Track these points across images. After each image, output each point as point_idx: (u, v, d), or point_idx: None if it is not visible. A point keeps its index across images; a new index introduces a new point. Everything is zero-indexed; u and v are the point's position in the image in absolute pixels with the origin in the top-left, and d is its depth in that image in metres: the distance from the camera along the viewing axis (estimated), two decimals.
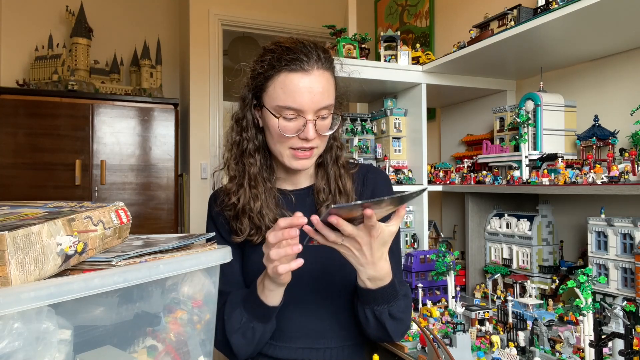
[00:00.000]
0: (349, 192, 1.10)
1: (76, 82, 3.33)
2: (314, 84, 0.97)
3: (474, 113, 2.33)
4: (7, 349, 0.49)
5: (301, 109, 0.97)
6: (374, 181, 1.16)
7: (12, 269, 0.50)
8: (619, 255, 1.37)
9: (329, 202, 1.09)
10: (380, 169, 1.23)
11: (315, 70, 0.98)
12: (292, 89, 0.97)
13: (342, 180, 1.10)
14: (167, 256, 0.66)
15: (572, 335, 1.27)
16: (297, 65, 0.97)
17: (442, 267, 1.60)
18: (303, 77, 0.97)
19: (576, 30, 1.47)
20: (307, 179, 1.16)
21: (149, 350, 0.67)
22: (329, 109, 1.01)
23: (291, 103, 0.97)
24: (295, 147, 1.01)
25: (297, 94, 0.96)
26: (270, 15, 3.75)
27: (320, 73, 0.99)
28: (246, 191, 1.06)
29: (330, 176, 1.11)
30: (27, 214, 0.62)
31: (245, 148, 1.08)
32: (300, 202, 1.13)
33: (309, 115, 0.97)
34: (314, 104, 0.97)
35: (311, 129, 0.98)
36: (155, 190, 3.40)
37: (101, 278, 0.56)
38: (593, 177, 1.38)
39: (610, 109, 1.68)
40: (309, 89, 0.96)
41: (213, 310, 0.78)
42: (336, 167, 1.12)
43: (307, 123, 0.97)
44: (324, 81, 0.99)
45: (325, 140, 1.07)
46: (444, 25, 2.60)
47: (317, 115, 0.99)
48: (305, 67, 0.97)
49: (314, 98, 0.97)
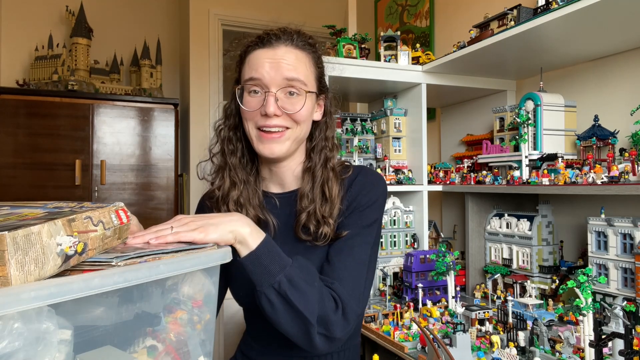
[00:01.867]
0: (334, 199, 0.99)
1: (76, 82, 3.33)
2: (277, 56, 0.96)
3: (474, 113, 2.33)
4: (7, 349, 0.49)
5: (261, 78, 0.95)
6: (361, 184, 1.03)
7: (12, 269, 0.50)
8: (619, 255, 1.37)
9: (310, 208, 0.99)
10: (373, 171, 1.10)
11: (283, 46, 0.97)
12: (255, 61, 0.97)
13: (328, 184, 1.00)
14: (167, 256, 0.66)
15: (572, 335, 1.27)
16: (264, 41, 0.98)
17: (442, 267, 1.60)
18: (268, 50, 0.97)
19: (576, 30, 1.47)
20: (294, 182, 1.07)
21: (149, 351, 0.67)
22: (297, 86, 0.96)
23: (253, 73, 0.96)
24: (260, 127, 0.97)
25: (259, 65, 0.96)
26: (270, 15, 3.73)
27: (287, 49, 0.97)
28: (226, 180, 1.04)
29: (317, 180, 1.02)
30: (27, 214, 0.62)
31: (226, 136, 1.07)
32: (284, 206, 1.06)
33: (272, 89, 0.94)
34: (275, 74, 0.94)
35: (271, 103, 0.94)
36: (155, 190, 3.40)
37: (101, 278, 0.56)
38: (593, 177, 1.38)
39: (610, 109, 1.68)
40: (271, 60, 0.95)
41: (213, 310, 0.78)
42: (324, 169, 1.03)
43: (268, 95, 0.94)
44: (292, 56, 0.97)
45: (303, 125, 1.00)
46: (444, 25, 2.60)
47: (283, 91, 0.95)
48: (272, 43, 0.97)
49: (276, 68, 0.94)
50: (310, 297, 0.84)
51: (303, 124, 1.00)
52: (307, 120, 1.01)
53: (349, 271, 0.94)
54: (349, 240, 0.97)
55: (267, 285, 0.82)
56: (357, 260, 0.97)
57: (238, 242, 0.81)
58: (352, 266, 0.95)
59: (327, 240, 0.98)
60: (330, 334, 0.87)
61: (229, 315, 1.65)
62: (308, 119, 1.01)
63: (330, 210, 0.98)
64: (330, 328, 0.87)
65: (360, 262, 0.98)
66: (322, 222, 0.97)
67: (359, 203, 1.01)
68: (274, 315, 0.84)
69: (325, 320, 0.86)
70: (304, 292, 0.83)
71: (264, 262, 0.82)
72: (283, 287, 0.82)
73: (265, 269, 0.82)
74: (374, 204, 1.02)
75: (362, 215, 1.00)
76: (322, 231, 0.97)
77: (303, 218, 0.99)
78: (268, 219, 1.04)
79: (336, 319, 0.88)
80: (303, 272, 0.86)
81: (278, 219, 1.05)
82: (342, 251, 0.96)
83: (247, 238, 0.81)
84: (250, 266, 0.82)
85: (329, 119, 1.08)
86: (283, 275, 0.82)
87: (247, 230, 0.81)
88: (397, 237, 2.01)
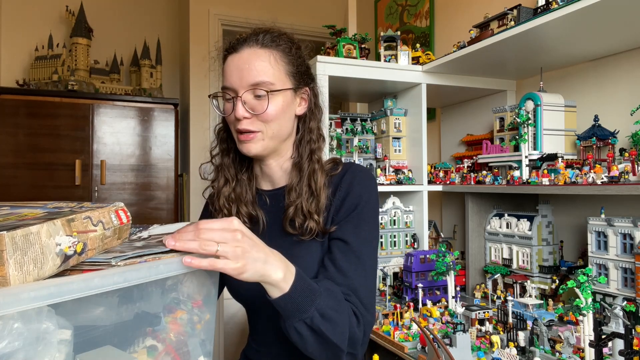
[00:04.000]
0: (319, 192, 0.99)
1: (76, 82, 3.33)
2: (241, 62, 0.98)
3: (474, 113, 2.33)
4: (7, 349, 0.49)
5: (231, 86, 0.99)
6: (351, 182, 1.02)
7: (10, 269, 0.50)
8: (619, 255, 1.37)
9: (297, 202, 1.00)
10: (362, 168, 1.08)
11: (246, 49, 0.99)
12: (226, 69, 1.01)
13: (314, 177, 1.01)
14: (167, 256, 0.66)
15: (572, 335, 1.27)
16: (232, 47, 1.01)
17: (442, 267, 1.60)
18: (234, 56, 1.00)
19: (576, 30, 1.47)
20: (283, 178, 1.08)
21: (149, 350, 0.67)
22: (263, 87, 0.96)
23: (225, 82, 1.00)
24: (237, 130, 1.00)
25: (227, 73, 1.00)
26: (270, 15, 3.72)
27: (251, 51, 0.99)
28: (220, 178, 1.08)
29: (304, 173, 1.02)
30: (26, 215, 0.62)
31: (222, 137, 1.11)
32: (273, 202, 1.08)
33: (240, 93, 0.97)
34: (240, 80, 0.97)
35: (239, 107, 0.96)
36: (155, 190, 3.40)
37: (101, 278, 0.56)
38: (593, 177, 1.38)
39: (610, 109, 1.68)
40: (236, 66, 0.98)
41: (213, 310, 0.78)
42: (310, 162, 1.03)
43: (236, 101, 0.97)
44: (254, 58, 0.98)
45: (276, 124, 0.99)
46: (444, 25, 2.60)
47: (251, 93, 0.97)
48: (237, 48, 1.00)
49: (240, 74, 0.97)
50: (340, 326, 0.84)
51: (275, 122, 0.99)
52: (278, 119, 1.00)
53: (361, 281, 0.94)
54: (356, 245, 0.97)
55: (297, 320, 0.80)
56: (368, 269, 0.97)
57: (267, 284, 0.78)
58: (363, 276, 0.95)
59: (313, 235, 0.99)
60: (354, 350, 0.90)
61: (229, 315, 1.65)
62: (280, 116, 1.00)
63: (317, 205, 0.99)
64: (355, 345, 0.90)
65: (372, 270, 0.98)
66: (308, 217, 0.98)
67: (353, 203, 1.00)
68: (303, 345, 0.84)
69: (352, 340, 0.88)
70: (336, 322, 0.83)
71: (296, 300, 0.79)
72: (315, 321, 0.81)
73: (296, 306, 0.79)
74: (368, 203, 1.01)
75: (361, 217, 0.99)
76: (308, 225, 0.98)
77: (290, 212, 1.00)
78: (259, 215, 1.07)
79: (359, 335, 0.90)
80: (331, 299, 0.85)
81: (268, 216, 1.07)
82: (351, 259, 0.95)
83: (280, 283, 0.78)
84: (282, 304, 0.79)
85: (315, 109, 1.08)
86: (314, 309, 0.81)
87: (280, 276, 0.77)
88: (397, 237, 2.01)
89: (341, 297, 0.89)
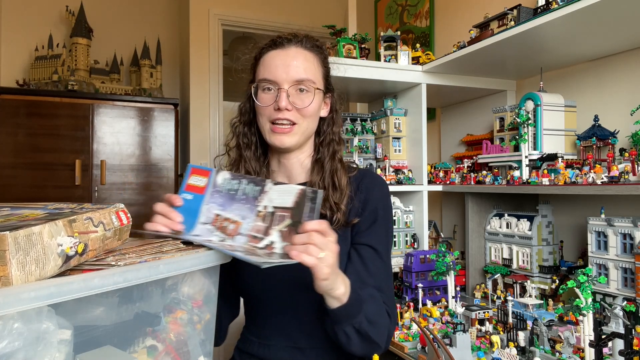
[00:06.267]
0: (343, 188, 1.06)
1: (76, 82, 3.33)
2: (288, 58, 1.05)
3: (474, 113, 2.33)
4: (7, 349, 0.49)
5: (275, 79, 1.03)
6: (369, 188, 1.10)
7: (13, 269, 0.50)
8: (619, 255, 1.37)
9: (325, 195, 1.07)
10: (378, 175, 1.18)
11: (293, 47, 1.06)
12: (268, 62, 1.06)
13: (337, 175, 1.08)
14: (167, 256, 0.66)
15: (572, 335, 1.27)
16: (276, 44, 1.07)
17: (442, 267, 1.61)
18: (280, 52, 1.06)
19: (576, 30, 1.47)
20: (302, 174, 1.13)
21: (149, 350, 0.67)
22: (307, 84, 1.04)
23: (267, 75, 1.05)
24: (273, 121, 1.04)
25: (272, 66, 1.05)
26: (270, 15, 3.75)
27: (297, 50, 1.06)
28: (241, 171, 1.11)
29: (326, 170, 1.09)
30: (27, 215, 0.62)
31: (241, 131, 1.14)
32: None
33: (284, 86, 1.03)
34: (287, 74, 1.03)
35: (283, 98, 1.02)
36: (155, 190, 3.39)
37: (101, 278, 0.56)
38: (593, 177, 1.38)
39: (610, 109, 1.68)
40: (283, 61, 1.04)
41: (213, 310, 0.78)
42: (333, 161, 1.11)
43: (280, 92, 1.02)
44: (301, 57, 1.06)
45: (310, 120, 1.07)
46: (444, 25, 2.60)
47: (294, 88, 1.04)
48: (284, 45, 1.07)
49: (287, 69, 1.03)
50: (382, 327, 0.96)
51: (310, 118, 1.07)
52: (314, 115, 1.08)
53: (387, 282, 1.07)
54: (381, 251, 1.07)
55: (347, 324, 0.91)
56: (389, 271, 1.10)
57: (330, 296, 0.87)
58: (388, 277, 1.08)
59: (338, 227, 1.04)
60: (387, 344, 1.01)
61: None
62: (315, 114, 1.08)
63: (341, 198, 1.05)
64: (388, 340, 1.01)
65: (391, 271, 1.13)
66: (336, 209, 1.04)
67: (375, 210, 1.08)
68: (348, 345, 0.94)
69: (388, 336, 1.00)
70: (378, 325, 0.95)
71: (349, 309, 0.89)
72: (363, 325, 0.91)
73: (348, 313, 0.90)
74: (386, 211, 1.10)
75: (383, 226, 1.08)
76: (336, 217, 1.03)
77: None
78: None
79: (392, 331, 1.02)
80: (375, 305, 0.97)
81: None
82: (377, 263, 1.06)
83: (342, 297, 0.88)
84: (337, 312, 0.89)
85: (335, 115, 1.16)
86: (363, 315, 0.91)
87: (343, 291, 0.87)
88: (397, 237, 2.01)
89: (380, 302, 1.00)
